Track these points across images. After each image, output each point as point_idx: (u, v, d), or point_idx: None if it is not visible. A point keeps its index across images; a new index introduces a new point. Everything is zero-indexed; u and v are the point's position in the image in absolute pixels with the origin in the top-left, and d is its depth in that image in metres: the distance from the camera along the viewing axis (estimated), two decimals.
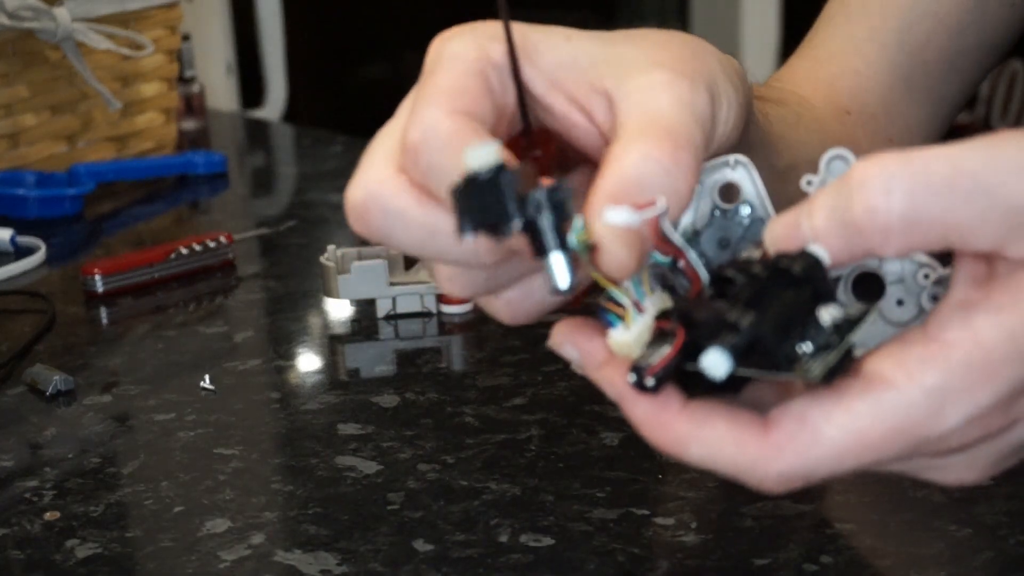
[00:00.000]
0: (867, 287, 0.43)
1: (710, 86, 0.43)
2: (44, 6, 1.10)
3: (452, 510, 0.59)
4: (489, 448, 0.65)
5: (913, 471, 0.41)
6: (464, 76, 0.42)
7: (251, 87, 1.79)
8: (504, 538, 0.56)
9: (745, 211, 0.44)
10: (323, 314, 0.86)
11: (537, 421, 0.67)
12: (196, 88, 1.41)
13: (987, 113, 1.03)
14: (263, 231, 1.03)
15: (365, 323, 0.82)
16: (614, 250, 0.39)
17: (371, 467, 0.63)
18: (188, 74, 1.39)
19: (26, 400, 0.73)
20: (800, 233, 0.39)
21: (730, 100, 0.44)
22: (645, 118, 0.42)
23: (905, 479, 0.41)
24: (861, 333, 0.38)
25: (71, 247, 1.04)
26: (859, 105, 0.71)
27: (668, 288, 0.42)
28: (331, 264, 0.82)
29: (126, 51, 1.18)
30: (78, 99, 1.18)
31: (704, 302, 0.39)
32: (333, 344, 0.82)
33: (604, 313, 0.41)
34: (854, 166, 0.38)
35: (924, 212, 0.37)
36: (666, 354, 0.38)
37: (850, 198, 0.37)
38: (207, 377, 0.74)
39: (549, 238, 0.38)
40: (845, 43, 0.72)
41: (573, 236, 0.39)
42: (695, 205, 0.44)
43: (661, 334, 0.39)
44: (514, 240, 0.38)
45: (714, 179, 0.44)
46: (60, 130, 1.18)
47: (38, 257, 0.97)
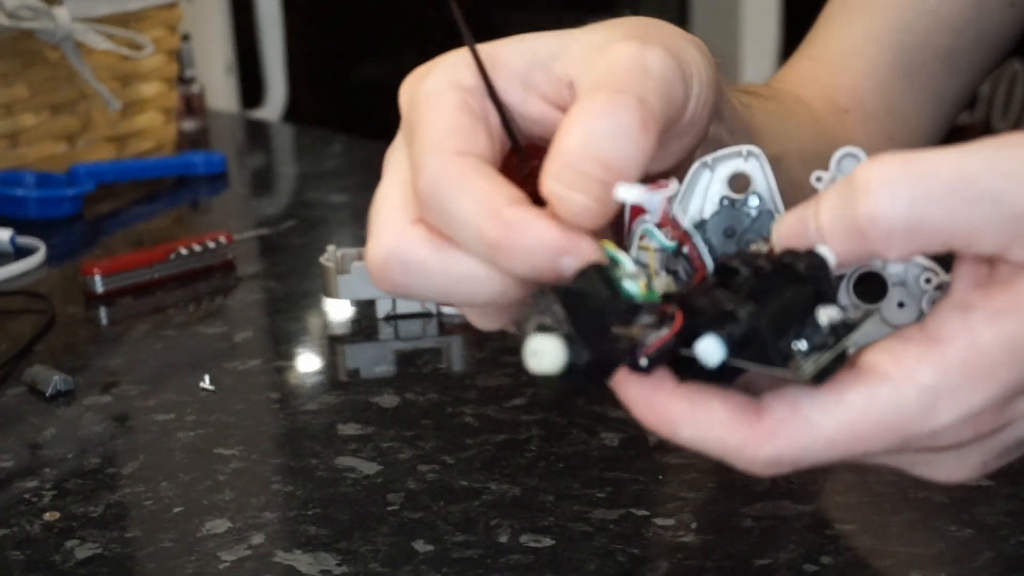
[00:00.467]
0: (869, 286, 0.43)
1: (675, 53, 0.43)
2: (44, 6, 1.10)
3: (452, 510, 0.59)
4: (489, 448, 0.65)
5: (902, 465, 0.41)
6: (451, 114, 0.42)
7: (251, 87, 1.79)
8: (504, 538, 0.56)
9: (754, 202, 0.44)
10: (323, 314, 0.86)
11: (537, 421, 0.67)
12: (196, 88, 1.41)
13: (987, 114, 1.03)
14: (263, 231, 1.03)
15: (365, 323, 0.82)
16: (571, 196, 0.39)
17: (371, 467, 0.63)
18: (188, 74, 1.39)
19: (26, 400, 0.73)
20: (807, 232, 0.39)
21: (699, 69, 0.44)
22: (593, 80, 0.41)
23: (905, 479, 0.42)
24: (858, 336, 0.38)
25: (71, 247, 1.04)
26: (858, 104, 0.71)
27: (672, 273, 0.42)
28: (331, 264, 0.82)
29: (126, 51, 1.18)
30: (78, 99, 1.18)
31: (706, 290, 0.39)
32: (333, 344, 0.82)
33: None
34: (858, 168, 0.38)
35: (927, 217, 0.37)
36: (662, 336, 0.38)
37: (854, 201, 0.37)
38: (207, 377, 0.74)
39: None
40: (844, 42, 0.72)
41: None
42: (704, 192, 0.44)
43: (660, 317, 0.39)
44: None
45: (726, 168, 0.44)
46: (60, 130, 1.18)
47: (38, 257, 0.97)
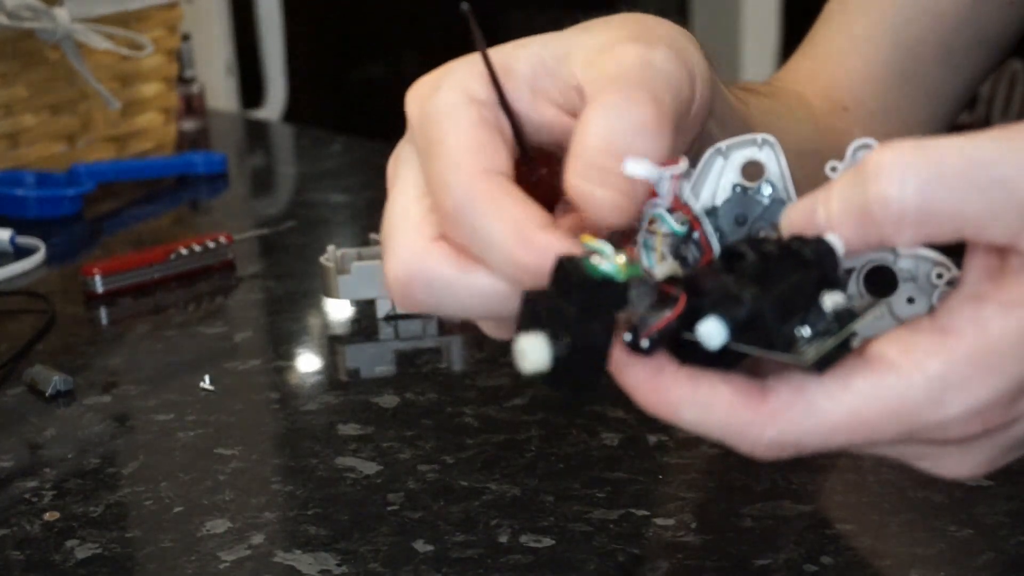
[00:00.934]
0: (880, 281, 0.43)
1: (678, 51, 0.43)
2: (44, 6, 1.10)
3: (452, 510, 0.59)
4: (489, 448, 0.65)
5: (907, 457, 0.41)
6: (470, 130, 0.41)
7: (251, 87, 1.79)
8: (504, 538, 0.56)
9: (767, 191, 0.44)
10: (323, 314, 0.86)
11: (537, 421, 0.67)
12: (196, 88, 1.41)
13: (987, 113, 1.03)
14: (263, 231, 1.03)
15: (365, 323, 0.82)
16: (601, 194, 0.40)
17: (371, 467, 0.63)
18: (188, 74, 1.39)
19: (26, 400, 0.73)
20: (816, 218, 0.39)
21: (699, 66, 0.44)
22: (603, 82, 0.42)
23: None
24: (864, 325, 0.38)
25: (71, 247, 1.04)
26: (857, 102, 0.71)
27: (680, 259, 0.42)
28: (331, 264, 0.82)
29: (126, 51, 1.18)
30: (78, 99, 1.18)
31: (712, 273, 0.39)
32: (333, 344, 0.82)
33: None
34: (870, 154, 0.38)
35: (938, 203, 0.37)
36: (665, 317, 0.38)
37: (865, 186, 0.37)
38: (207, 377, 0.74)
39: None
40: (844, 42, 0.73)
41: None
42: (717, 179, 0.44)
43: (664, 299, 0.39)
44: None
45: (739, 155, 0.44)
46: (60, 130, 1.18)
47: (38, 257, 0.97)
